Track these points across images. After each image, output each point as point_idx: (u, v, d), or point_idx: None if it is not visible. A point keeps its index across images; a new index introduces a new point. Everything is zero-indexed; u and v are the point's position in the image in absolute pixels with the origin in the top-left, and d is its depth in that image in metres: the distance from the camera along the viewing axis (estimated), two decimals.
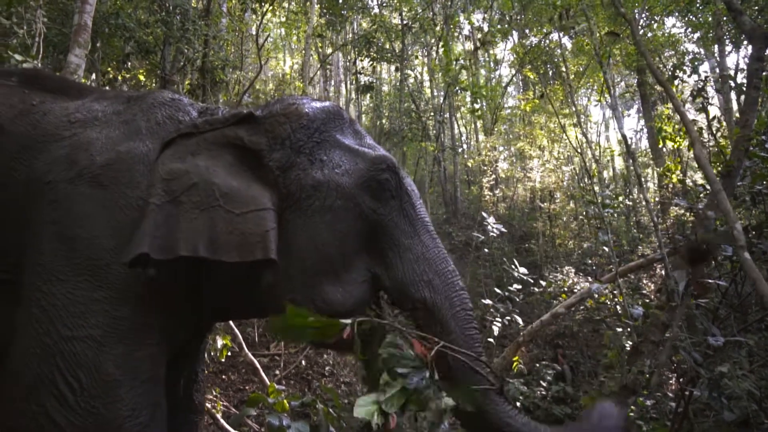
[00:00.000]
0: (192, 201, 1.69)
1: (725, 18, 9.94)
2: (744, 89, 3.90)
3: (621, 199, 10.33)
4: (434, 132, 12.79)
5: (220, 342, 3.95)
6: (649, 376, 2.79)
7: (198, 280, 1.86)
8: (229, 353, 4.26)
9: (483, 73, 16.42)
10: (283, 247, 1.71)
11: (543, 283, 7.35)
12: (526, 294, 7.58)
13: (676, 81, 5.88)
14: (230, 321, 4.43)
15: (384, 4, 14.14)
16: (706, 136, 5.40)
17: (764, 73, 3.41)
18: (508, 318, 5.72)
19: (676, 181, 7.67)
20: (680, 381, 2.88)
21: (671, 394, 3.77)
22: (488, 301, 5.86)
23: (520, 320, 5.84)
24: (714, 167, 4.70)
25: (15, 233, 1.76)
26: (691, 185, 7.63)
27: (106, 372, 1.59)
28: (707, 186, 3.76)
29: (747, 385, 2.79)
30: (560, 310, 6.13)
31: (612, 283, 5.56)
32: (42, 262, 1.68)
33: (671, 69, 5.68)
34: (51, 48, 6.08)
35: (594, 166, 9.93)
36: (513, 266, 6.03)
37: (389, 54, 13.07)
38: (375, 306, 1.83)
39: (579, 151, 9.01)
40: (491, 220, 5.98)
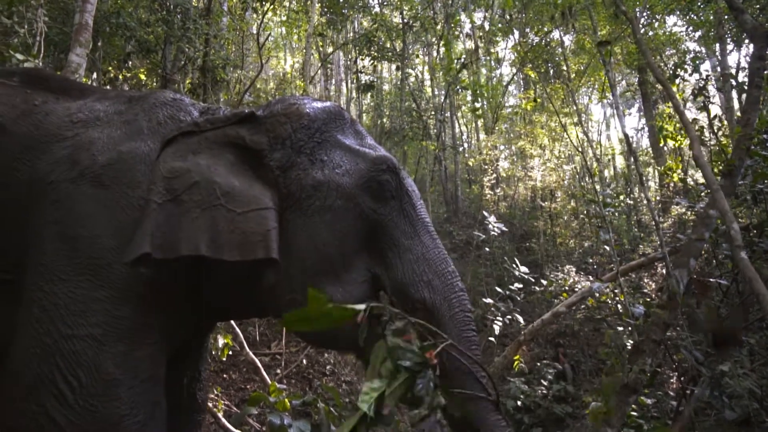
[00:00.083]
0: (193, 200, 1.69)
1: (726, 16, 9.93)
2: (745, 88, 3.90)
3: (622, 198, 10.34)
4: (435, 131, 12.79)
5: (222, 341, 3.95)
6: (651, 375, 2.79)
7: (198, 280, 1.86)
8: (231, 352, 4.27)
9: (484, 72, 16.39)
10: (284, 247, 1.71)
11: (544, 282, 7.36)
12: (527, 293, 7.59)
13: (678, 80, 5.87)
14: (231, 320, 4.44)
15: (385, 3, 14.13)
16: (708, 135, 5.39)
17: (766, 72, 3.40)
18: (509, 317, 5.73)
19: (677, 180, 7.67)
20: (681, 380, 2.88)
21: (672, 393, 3.78)
22: (489, 300, 5.87)
23: (521, 319, 5.85)
24: (715, 166, 4.70)
25: (17, 233, 1.77)
26: (693, 184, 7.64)
27: (106, 371, 1.60)
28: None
29: (748, 384, 2.80)
30: (561, 309, 6.14)
31: (613, 282, 5.56)
32: (44, 262, 1.68)
33: (672, 68, 5.68)
34: (52, 47, 6.09)
35: (595, 165, 9.93)
36: (514, 265, 6.03)
37: (390, 53, 13.06)
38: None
39: (580, 150, 9.00)
40: (492, 219, 5.98)
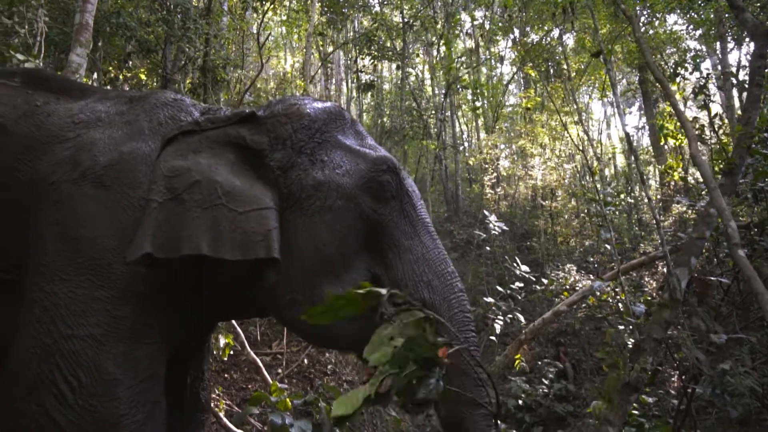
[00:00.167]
0: (194, 199, 1.69)
1: (727, 15, 9.92)
2: (746, 86, 3.89)
3: (623, 197, 10.34)
4: (435, 130, 12.78)
5: (223, 341, 3.95)
6: (652, 374, 2.79)
7: (198, 280, 1.86)
8: (232, 352, 4.27)
9: (484, 71, 16.39)
10: (284, 247, 1.71)
11: (545, 281, 7.36)
12: (528, 292, 7.60)
13: (678, 78, 5.87)
14: (232, 320, 4.44)
15: (385, 2, 14.10)
16: (708, 134, 5.39)
17: (766, 70, 3.40)
18: (510, 316, 5.73)
19: (678, 179, 7.67)
20: (683, 378, 2.88)
21: (674, 392, 3.78)
22: (490, 299, 5.87)
23: (522, 318, 5.86)
24: (716, 164, 4.71)
25: (18, 234, 1.77)
26: (693, 183, 7.64)
27: (106, 371, 1.60)
28: None
29: (749, 382, 2.80)
30: (562, 308, 6.14)
31: (614, 281, 5.57)
32: (45, 263, 1.68)
33: (673, 66, 5.67)
34: (52, 47, 6.08)
35: (595, 164, 9.92)
36: (515, 264, 6.04)
37: (390, 52, 13.05)
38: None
39: (580, 149, 8.98)
40: (493, 218, 5.98)
